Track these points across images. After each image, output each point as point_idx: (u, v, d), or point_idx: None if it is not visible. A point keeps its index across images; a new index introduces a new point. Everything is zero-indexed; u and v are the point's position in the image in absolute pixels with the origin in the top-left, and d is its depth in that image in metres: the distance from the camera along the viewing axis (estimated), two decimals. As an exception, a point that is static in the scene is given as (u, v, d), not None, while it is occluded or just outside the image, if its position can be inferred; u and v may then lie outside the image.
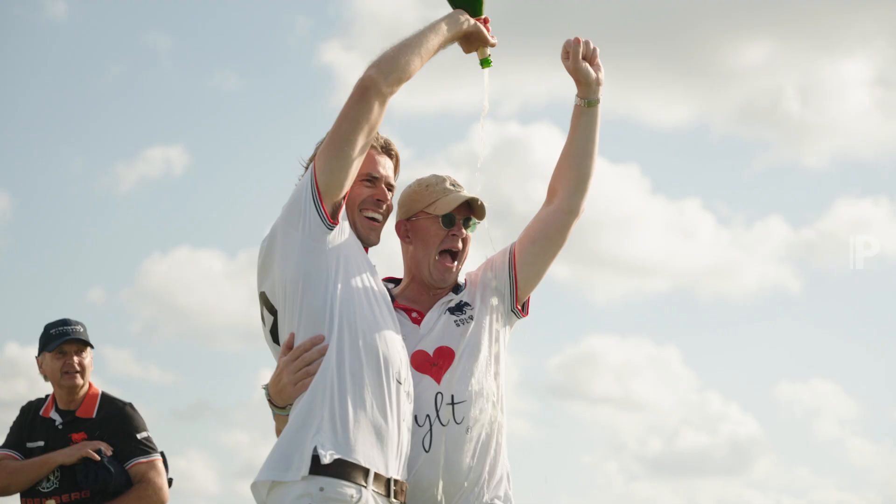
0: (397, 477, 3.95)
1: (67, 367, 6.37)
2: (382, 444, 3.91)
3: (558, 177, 4.33)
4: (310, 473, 3.80)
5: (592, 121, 4.29)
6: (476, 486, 4.14)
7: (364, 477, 3.85)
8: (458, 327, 4.26)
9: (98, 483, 6.18)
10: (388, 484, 3.92)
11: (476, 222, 4.35)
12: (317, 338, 3.92)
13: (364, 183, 4.13)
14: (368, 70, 3.90)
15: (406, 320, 4.27)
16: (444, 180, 4.34)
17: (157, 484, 6.33)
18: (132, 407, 6.48)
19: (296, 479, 3.81)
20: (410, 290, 4.36)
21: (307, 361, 3.91)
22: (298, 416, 3.89)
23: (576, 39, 4.24)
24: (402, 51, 3.95)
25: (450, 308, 4.31)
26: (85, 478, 6.19)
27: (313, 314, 3.93)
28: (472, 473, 4.14)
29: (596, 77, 4.26)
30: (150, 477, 6.32)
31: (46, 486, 6.28)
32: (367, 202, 4.13)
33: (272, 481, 3.85)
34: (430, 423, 4.14)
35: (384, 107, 3.93)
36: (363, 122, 3.89)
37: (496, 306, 4.32)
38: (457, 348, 4.23)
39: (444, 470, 4.10)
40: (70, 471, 6.23)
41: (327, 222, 3.93)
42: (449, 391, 4.17)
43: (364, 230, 4.13)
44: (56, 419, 6.40)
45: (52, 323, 6.48)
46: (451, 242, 4.30)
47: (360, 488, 3.84)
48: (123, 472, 6.27)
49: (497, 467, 4.21)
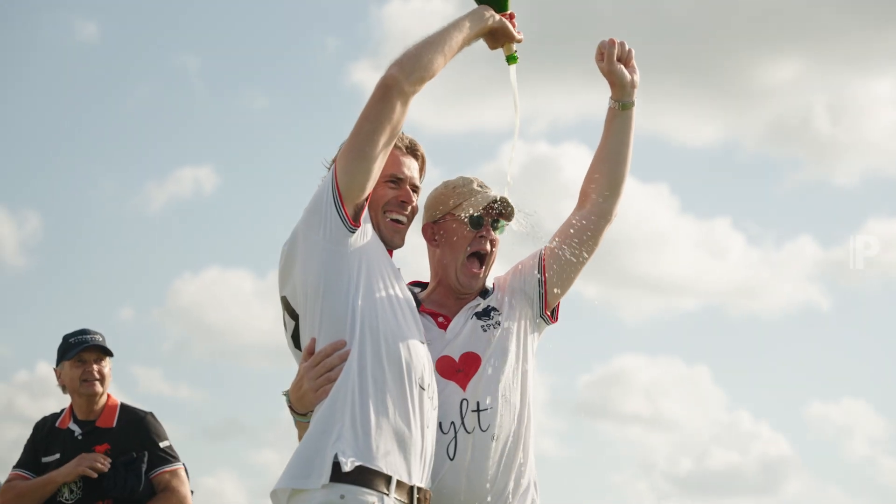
0: (421, 485, 3.84)
1: (87, 375, 6.29)
2: (405, 450, 3.80)
3: (590, 181, 4.23)
4: (330, 481, 3.69)
5: (626, 124, 4.20)
6: (501, 495, 4.04)
7: (386, 484, 3.74)
8: (485, 332, 4.16)
9: (126, 490, 6.12)
10: (412, 492, 3.81)
11: (505, 224, 4.24)
12: (338, 343, 3.82)
13: (388, 184, 4.02)
14: (390, 69, 3.81)
15: (432, 325, 4.18)
16: (472, 182, 4.24)
17: (181, 493, 6.27)
18: (153, 416, 6.41)
19: (316, 486, 3.70)
20: (437, 295, 4.26)
21: (328, 367, 3.81)
22: (319, 422, 3.80)
23: (610, 41, 4.15)
24: (425, 49, 3.85)
25: (477, 313, 4.21)
26: (114, 485, 6.12)
27: (335, 319, 3.83)
28: (498, 482, 4.03)
29: (631, 79, 4.17)
30: (174, 486, 6.26)
31: (69, 497, 6.20)
32: (392, 204, 4.03)
33: (292, 489, 3.75)
34: (455, 431, 4.04)
35: (407, 106, 3.83)
36: (385, 123, 3.79)
37: (524, 312, 4.21)
38: (483, 354, 4.12)
39: (469, 478, 4.00)
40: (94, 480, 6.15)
41: (349, 225, 3.83)
42: (474, 398, 4.07)
43: (388, 232, 4.03)
44: (75, 430, 6.32)
45: (70, 333, 6.42)
46: (480, 244, 4.19)
47: (382, 496, 3.73)
48: (147, 480, 6.20)
49: (524, 476, 4.10)
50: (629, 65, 4.17)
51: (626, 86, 4.17)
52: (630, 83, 4.17)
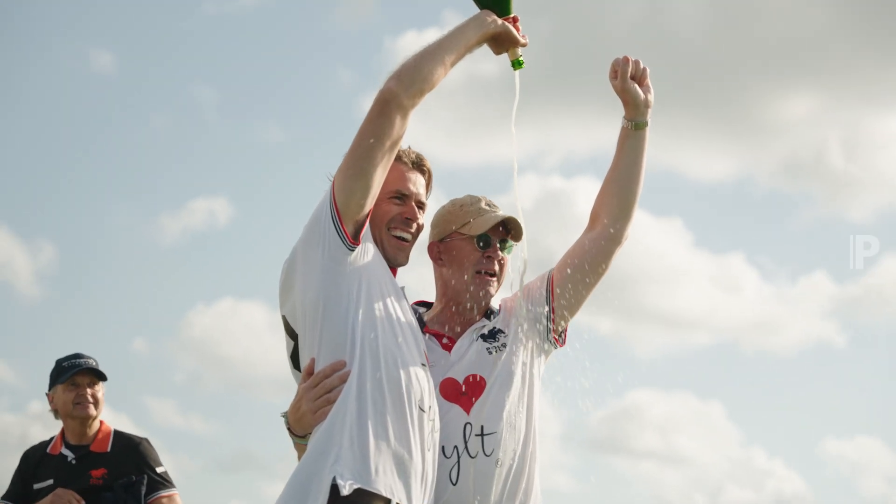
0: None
1: (80, 398, 6.21)
2: (405, 473, 3.70)
3: (602, 202, 4.13)
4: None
5: (639, 144, 4.10)
6: (505, 522, 3.93)
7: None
8: (491, 355, 4.07)
9: None
10: None
11: (513, 244, 4.15)
12: (337, 364, 3.73)
13: (393, 200, 3.93)
14: (388, 82, 3.70)
15: (436, 346, 4.08)
16: (480, 200, 4.15)
17: None
18: (148, 442, 6.34)
19: None
20: (442, 315, 4.16)
21: (327, 388, 3.72)
22: (317, 444, 3.70)
23: (624, 58, 4.06)
24: (424, 59, 3.74)
25: (482, 335, 4.12)
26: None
27: (334, 339, 3.74)
28: (502, 509, 3.93)
29: (645, 98, 4.07)
30: None
31: None
32: (396, 220, 3.93)
33: None
34: (458, 455, 3.94)
35: (406, 120, 3.73)
36: (385, 139, 3.69)
37: (531, 335, 4.11)
38: (488, 377, 4.03)
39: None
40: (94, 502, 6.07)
41: (348, 243, 3.74)
42: (479, 422, 3.97)
43: (391, 250, 3.93)
44: (68, 455, 6.24)
45: (63, 357, 6.34)
46: (487, 265, 4.10)
47: None
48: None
49: (528, 502, 3.99)
50: (643, 83, 4.07)
51: (640, 105, 4.07)
52: (644, 102, 4.07)
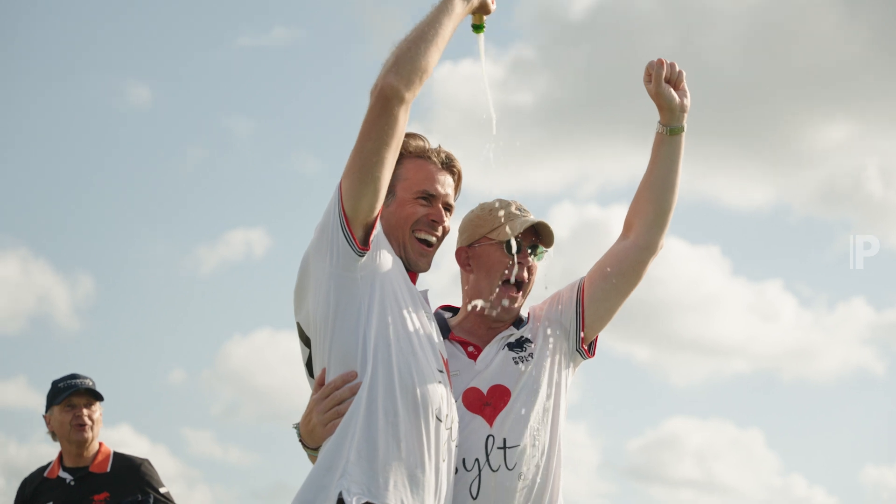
0: None
1: (77, 420, 6.11)
2: (416, 486, 3.55)
3: (636, 210, 3.99)
4: None
5: (675, 150, 3.96)
6: (527, 538, 3.79)
7: None
8: (517, 365, 3.93)
9: None
10: None
11: (544, 251, 4.02)
12: (348, 375, 3.58)
13: (419, 201, 3.77)
14: (386, 77, 3.52)
15: (461, 354, 3.95)
16: (510, 204, 4.02)
17: None
18: (149, 463, 6.26)
19: None
20: (468, 322, 4.03)
21: (338, 400, 3.58)
22: (325, 458, 3.56)
23: (659, 61, 3.91)
24: (419, 46, 3.55)
25: (509, 343, 3.98)
26: None
27: (345, 349, 3.60)
28: (524, 525, 3.79)
29: (680, 103, 3.93)
30: None
31: None
32: (421, 223, 3.77)
33: None
34: (479, 468, 3.80)
35: (408, 113, 3.57)
36: (389, 137, 3.54)
37: (560, 345, 3.98)
38: (513, 388, 3.89)
39: (492, 520, 3.75)
40: None
41: (356, 248, 3.58)
42: (501, 434, 3.83)
43: (414, 254, 3.78)
44: (66, 477, 6.13)
45: (59, 378, 6.24)
46: (516, 271, 3.96)
47: None
48: None
49: None
50: (679, 87, 3.93)
51: (675, 109, 3.92)
52: (679, 107, 3.92)
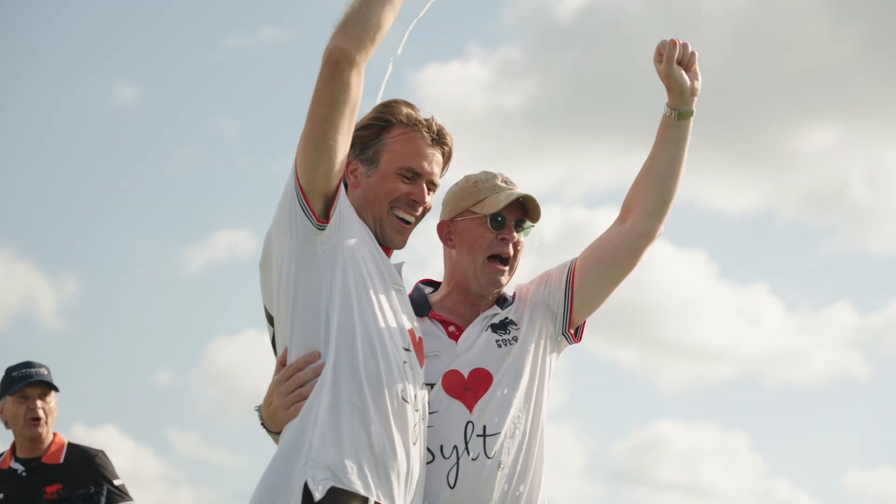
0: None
1: (31, 413, 5.92)
2: (385, 469, 3.35)
3: (635, 194, 3.77)
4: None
5: (682, 135, 3.74)
6: (506, 529, 3.60)
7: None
8: (500, 348, 3.73)
9: None
10: None
11: (531, 226, 3.81)
12: (311, 355, 3.38)
13: (401, 177, 3.54)
14: (334, 38, 3.30)
15: (441, 334, 3.75)
16: (496, 177, 3.80)
17: None
18: (104, 454, 6.08)
19: None
20: (449, 300, 3.82)
21: (300, 382, 3.37)
22: (288, 442, 3.36)
23: (671, 41, 3.68)
24: (369, 3, 3.33)
25: (493, 325, 3.78)
26: None
27: (307, 328, 3.40)
28: (503, 515, 3.59)
29: (691, 85, 3.70)
30: None
31: None
32: (401, 201, 3.55)
33: None
34: (458, 456, 3.61)
35: (362, 76, 3.34)
36: (341, 104, 3.31)
37: (545, 328, 3.79)
38: (495, 372, 3.70)
39: (471, 510, 3.56)
40: None
41: (315, 222, 3.37)
42: (481, 421, 3.64)
43: (390, 231, 3.55)
44: (17, 468, 5.95)
45: (13, 366, 6.05)
46: (501, 247, 3.75)
47: None
48: None
49: None
50: (691, 69, 3.71)
51: (685, 93, 3.70)
52: (690, 90, 3.70)
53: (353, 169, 3.58)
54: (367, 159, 3.57)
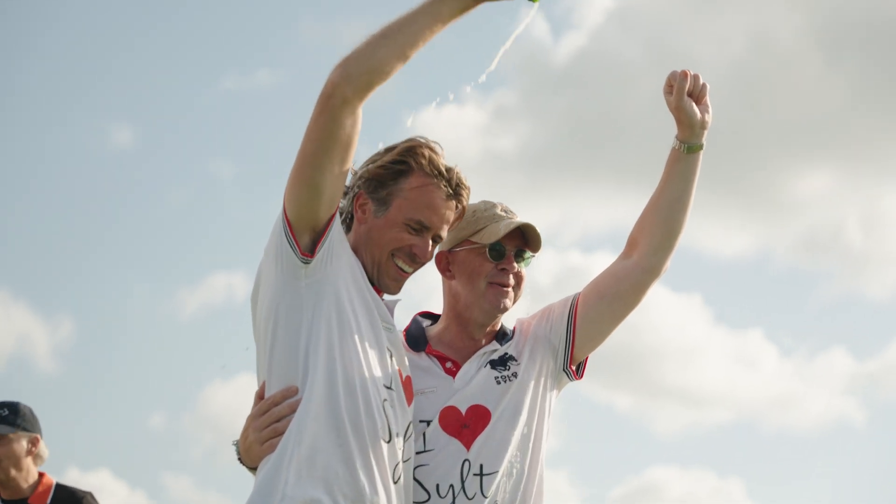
0: None
1: None
2: None
3: (642, 229, 3.66)
4: None
5: (691, 169, 3.63)
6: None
7: None
8: (499, 385, 3.61)
9: None
10: None
11: (531, 255, 3.69)
12: (288, 390, 3.29)
13: (408, 227, 3.42)
14: (333, 72, 3.17)
15: (438, 370, 3.64)
16: (495, 206, 3.69)
17: None
18: (92, 496, 5.89)
19: None
20: (448, 333, 3.70)
21: (275, 417, 3.29)
22: (263, 481, 3.26)
23: (683, 72, 3.57)
24: (377, 43, 3.16)
25: (492, 360, 3.66)
26: None
27: (286, 361, 3.31)
28: (500, 557, 3.47)
29: (701, 118, 3.58)
30: None
31: None
32: (403, 251, 3.44)
33: None
34: (454, 495, 3.49)
35: (356, 117, 3.21)
36: (329, 141, 3.20)
37: (546, 364, 3.67)
38: (494, 410, 3.58)
39: (466, 551, 3.43)
40: None
41: (299, 255, 3.28)
42: (478, 460, 3.52)
43: (386, 277, 3.44)
44: None
45: None
46: (500, 277, 3.63)
47: None
48: None
49: None
50: (702, 101, 3.60)
51: (695, 125, 3.58)
52: (700, 123, 3.58)
53: (362, 203, 3.47)
54: (379, 199, 3.45)
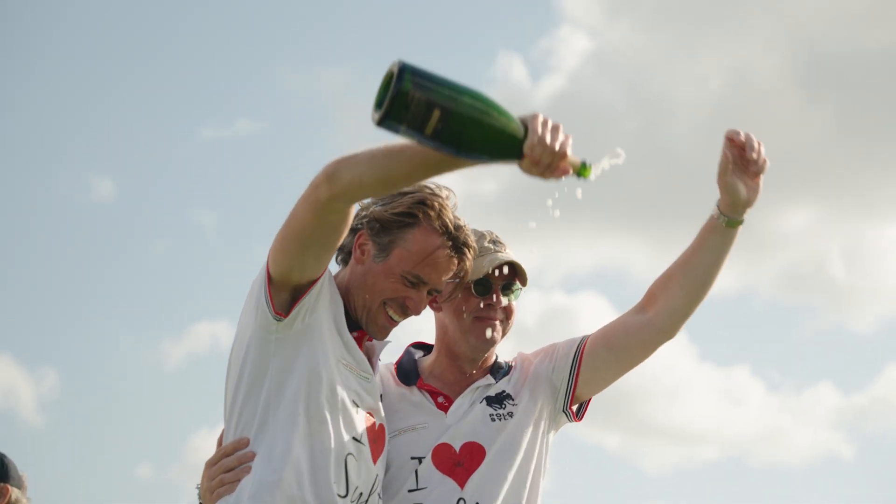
0: None
1: None
2: None
3: (664, 288, 3.53)
4: None
5: (727, 242, 3.46)
6: None
7: None
8: (494, 422, 3.52)
9: None
10: None
11: (520, 288, 3.59)
12: (239, 442, 3.22)
13: (404, 279, 3.31)
14: (325, 168, 3.00)
15: (430, 405, 3.55)
16: (483, 237, 3.57)
17: None
18: None
19: None
20: (439, 366, 3.61)
21: (224, 468, 3.22)
22: None
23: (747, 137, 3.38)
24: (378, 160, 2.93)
25: (488, 397, 3.56)
26: None
27: (246, 411, 3.23)
28: None
29: (747, 198, 3.43)
30: None
31: None
32: (396, 302, 3.33)
33: None
34: None
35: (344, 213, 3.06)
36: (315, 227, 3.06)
37: (545, 405, 3.58)
38: (489, 447, 3.48)
39: None
40: None
41: (272, 312, 3.18)
42: (473, 498, 3.42)
43: (373, 325, 3.34)
44: None
45: None
46: (486, 313, 3.53)
47: None
48: None
49: None
50: (755, 180, 3.42)
51: (740, 203, 3.43)
52: (744, 202, 3.43)
53: (362, 244, 3.36)
54: (381, 245, 3.33)
